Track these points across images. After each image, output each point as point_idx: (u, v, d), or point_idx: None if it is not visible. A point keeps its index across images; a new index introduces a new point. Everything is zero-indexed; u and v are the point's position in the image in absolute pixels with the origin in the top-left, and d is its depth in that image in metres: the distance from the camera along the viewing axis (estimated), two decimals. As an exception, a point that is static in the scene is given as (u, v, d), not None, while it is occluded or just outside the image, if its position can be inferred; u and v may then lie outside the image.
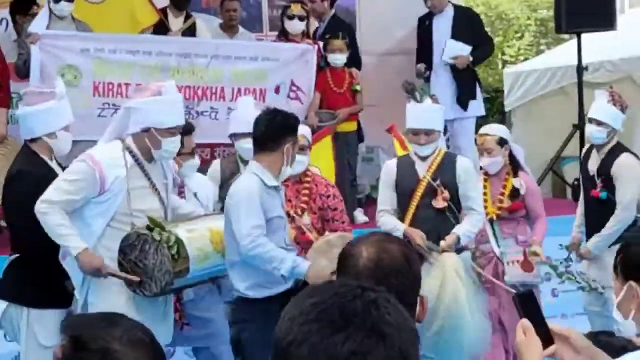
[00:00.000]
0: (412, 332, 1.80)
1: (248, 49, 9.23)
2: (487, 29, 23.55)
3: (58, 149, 5.96)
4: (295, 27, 9.47)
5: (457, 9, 10.11)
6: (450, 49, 9.71)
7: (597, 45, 11.09)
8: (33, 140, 5.91)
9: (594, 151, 7.46)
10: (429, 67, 9.78)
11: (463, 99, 9.84)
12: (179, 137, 5.67)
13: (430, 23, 9.88)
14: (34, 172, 5.78)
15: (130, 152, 5.54)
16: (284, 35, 9.58)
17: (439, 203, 6.57)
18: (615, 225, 7.15)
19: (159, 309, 5.65)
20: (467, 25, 9.92)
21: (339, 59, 9.35)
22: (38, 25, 8.34)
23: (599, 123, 7.34)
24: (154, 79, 8.53)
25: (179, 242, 5.47)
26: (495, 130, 7.23)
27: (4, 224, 8.58)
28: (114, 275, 5.46)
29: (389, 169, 6.84)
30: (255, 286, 5.69)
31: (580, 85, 10.56)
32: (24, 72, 8.45)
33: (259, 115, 5.87)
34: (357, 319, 1.75)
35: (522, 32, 23.60)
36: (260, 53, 9.17)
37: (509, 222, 7.07)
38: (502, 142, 7.06)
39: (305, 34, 9.52)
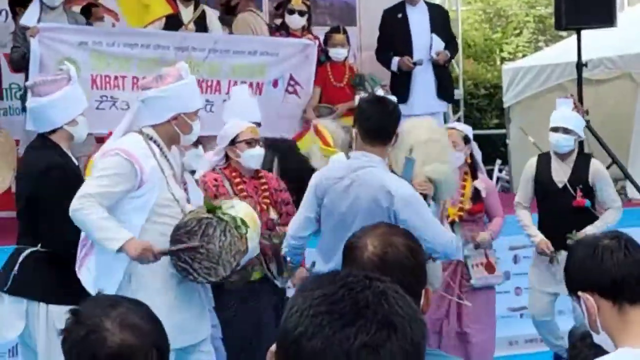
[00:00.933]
0: (421, 323, 1.80)
1: (247, 43, 9.20)
2: (485, 26, 23.68)
3: (78, 135, 5.75)
4: (295, 21, 9.45)
5: (430, 4, 10.10)
6: (435, 44, 9.70)
7: (596, 42, 11.08)
8: (51, 132, 5.67)
9: (556, 161, 7.40)
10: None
11: (448, 93, 10.03)
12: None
13: (404, 16, 9.81)
14: (65, 165, 5.63)
15: (155, 142, 5.32)
16: (284, 29, 9.56)
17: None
18: (613, 220, 7.17)
19: (198, 305, 5.45)
20: (442, 22, 9.96)
21: (340, 52, 9.38)
22: (29, 16, 8.31)
23: (566, 131, 7.33)
24: (151, 72, 8.52)
25: (242, 221, 5.27)
26: (462, 126, 7.24)
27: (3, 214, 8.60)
28: (166, 253, 5.16)
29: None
30: None
31: (580, 81, 10.55)
32: (20, 65, 8.42)
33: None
34: (368, 310, 1.74)
35: (520, 28, 23.64)
36: (259, 47, 9.15)
37: (469, 223, 6.94)
38: (466, 140, 7.02)
39: (306, 29, 9.50)
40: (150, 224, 5.22)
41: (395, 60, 9.63)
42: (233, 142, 6.32)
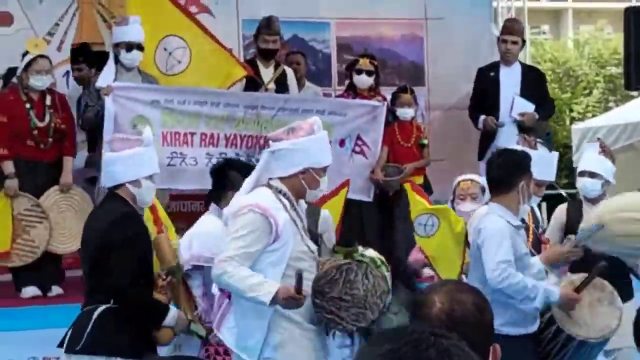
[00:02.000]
0: (484, 380, 1.80)
1: (316, 103, 9.28)
2: (555, 86, 23.58)
3: (141, 199, 5.75)
4: (362, 81, 9.53)
5: (524, 66, 10.13)
6: (518, 105, 9.69)
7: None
8: (116, 187, 5.72)
9: (587, 206, 7.22)
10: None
11: None
12: None
13: (496, 75, 9.86)
14: (136, 214, 5.65)
15: (284, 195, 5.28)
16: (352, 90, 9.63)
17: None
18: None
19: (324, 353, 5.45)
20: (534, 84, 9.93)
21: (407, 112, 9.42)
22: (106, 77, 8.46)
23: (592, 175, 7.20)
24: (218, 129, 8.68)
25: (381, 260, 5.28)
26: (479, 178, 7.20)
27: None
28: (299, 292, 5.07)
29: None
30: (509, 324, 5.66)
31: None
32: (92, 123, 8.55)
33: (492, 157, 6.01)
34: None
35: (590, 88, 23.52)
36: (328, 107, 9.20)
37: None
38: (483, 191, 7.01)
39: (374, 89, 9.56)
40: (286, 279, 5.15)
41: (482, 119, 9.69)
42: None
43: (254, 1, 10.53)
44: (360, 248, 5.38)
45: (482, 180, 7.12)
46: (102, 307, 5.54)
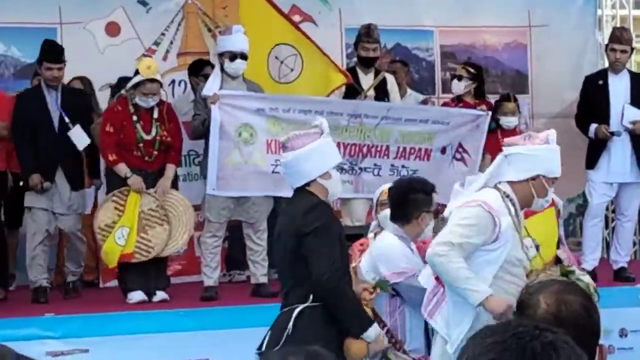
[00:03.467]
0: (589, 375, 1.79)
1: (420, 112, 9.29)
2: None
3: (333, 190, 5.58)
4: (457, 86, 9.54)
5: (633, 73, 9.96)
6: (629, 113, 9.54)
7: None
8: (305, 186, 5.49)
9: None
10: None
11: None
12: None
13: (605, 83, 9.71)
14: (327, 204, 5.55)
15: (510, 200, 5.38)
16: (456, 98, 9.63)
17: None
18: None
19: None
20: None
21: (510, 121, 9.43)
22: (212, 85, 8.56)
23: None
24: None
25: (595, 289, 5.29)
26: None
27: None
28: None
29: None
30: None
31: None
32: (200, 131, 8.67)
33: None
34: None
35: None
36: (431, 116, 9.21)
37: None
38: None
39: (480, 97, 9.54)
40: (496, 280, 5.28)
41: (593, 127, 9.54)
42: (377, 206, 6.42)
43: (357, 10, 10.54)
44: (577, 271, 5.48)
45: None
46: (300, 307, 5.37)
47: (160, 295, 8.51)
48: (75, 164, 8.80)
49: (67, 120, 8.63)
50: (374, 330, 5.40)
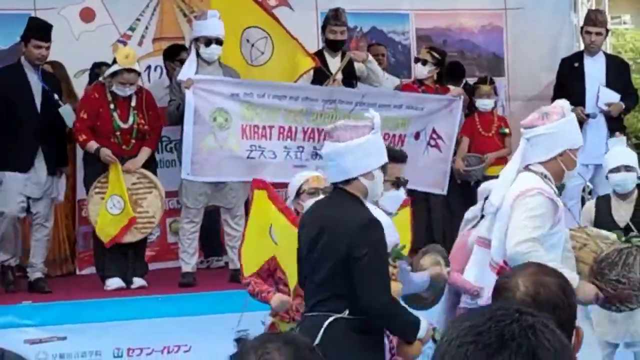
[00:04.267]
0: (569, 359, 1.78)
1: (394, 98, 9.25)
2: (636, 76, 23.18)
3: (373, 192, 5.07)
4: (419, 70, 9.59)
5: (608, 56, 10.00)
6: (604, 96, 9.58)
7: None
8: (345, 183, 5.00)
9: (617, 201, 7.19)
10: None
11: None
12: None
13: (580, 65, 9.74)
14: (377, 220, 4.95)
15: (549, 179, 5.39)
16: (418, 82, 9.63)
17: None
18: None
19: None
20: (618, 74, 9.85)
21: (487, 104, 9.43)
22: (187, 70, 8.53)
23: (628, 168, 7.11)
24: (296, 123, 8.72)
25: None
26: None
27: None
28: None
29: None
30: None
31: None
32: (176, 117, 8.63)
33: None
34: (514, 342, 1.75)
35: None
36: (405, 102, 9.19)
37: None
38: None
39: (437, 81, 9.55)
40: (564, 260, 5.31)
41: None
42: (298, 194, 6.03)
43: (333, -7, 10.52)
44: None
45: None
46: (333, 316, 4.92)
47: (138, 282, 8.49)
48: (56, 145, 8.64)
49: (56, 97, 8.53)
50: (423, 327, 5.08)
